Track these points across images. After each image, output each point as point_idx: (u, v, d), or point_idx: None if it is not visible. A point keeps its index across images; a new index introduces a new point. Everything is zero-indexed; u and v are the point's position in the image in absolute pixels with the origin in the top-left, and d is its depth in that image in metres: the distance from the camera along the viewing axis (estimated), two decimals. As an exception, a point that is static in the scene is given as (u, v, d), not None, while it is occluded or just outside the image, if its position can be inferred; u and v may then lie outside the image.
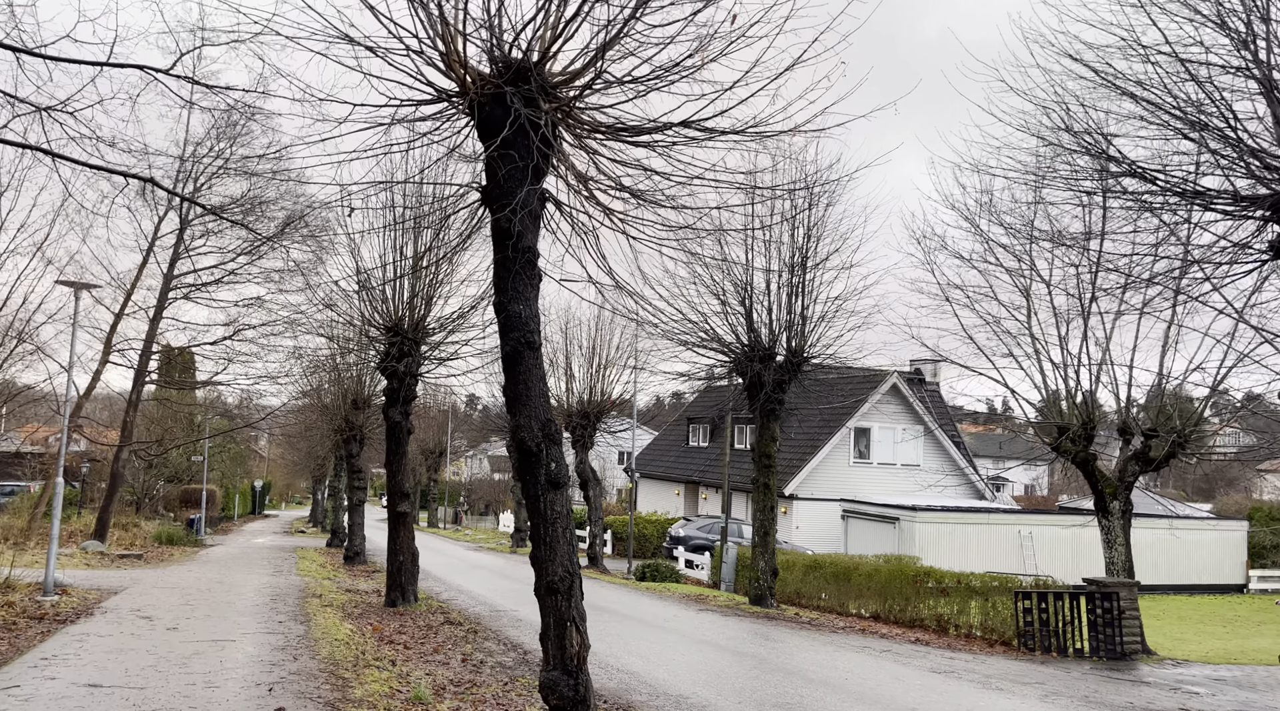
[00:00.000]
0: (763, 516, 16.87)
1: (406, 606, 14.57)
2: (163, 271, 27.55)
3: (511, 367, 6.60)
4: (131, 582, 15.61)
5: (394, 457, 14.87)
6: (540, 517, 6.48)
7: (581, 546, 33.75)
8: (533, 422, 6.49)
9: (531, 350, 6.60)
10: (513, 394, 6.62)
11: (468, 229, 7.36)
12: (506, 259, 6.64)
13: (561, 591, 6.39)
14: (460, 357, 14.98)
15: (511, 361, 6.60)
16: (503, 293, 6.65)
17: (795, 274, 16.83)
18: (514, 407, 6.61)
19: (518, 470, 6.62)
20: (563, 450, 6.71)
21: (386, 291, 14.61)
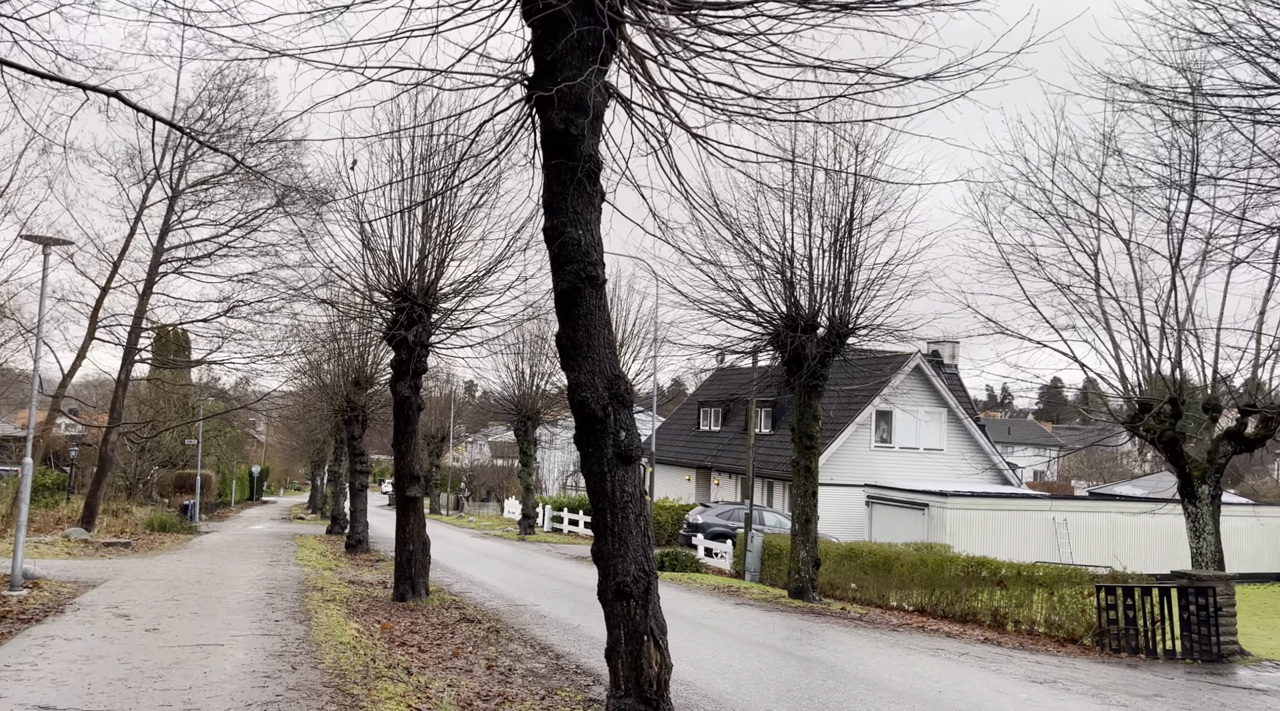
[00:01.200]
0: (804, 502, 15.47)
1: (417, 601, 13.18)
2: (152, 244, 26.03)
3: (569, 309, 5.14)
4: (114, 574, 14.20)
5: (403, 436, 13.43)
6: (606, 501, 5.03)
7: (592, 533, 32.31)
8: (596, 379, 5.04)
9: (593, 287, 5.14)
10: (570, 342, 5.15)
11: (504, 144, 5.87)
12: (561, 169, 5.16)
13: (635, 595, 4.96)
14: (476, 326, 13.52)
15: (568, 301, 5.13)
16: (556, 214, 5.18)
17: (840, 236, 15.37)
18: (572, 360, 5.15)
19: (578, 440, 5.17)
20: (633, 415, 5.25)
21: (393, 252, 13.13)
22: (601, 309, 5.17)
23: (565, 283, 5.12)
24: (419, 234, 13.13)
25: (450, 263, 13.20)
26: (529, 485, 32.78)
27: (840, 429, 33.48)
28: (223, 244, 26.61)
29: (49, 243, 11.43)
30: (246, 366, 26.25)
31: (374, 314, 13.51)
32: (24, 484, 11.26)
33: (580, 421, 5.13)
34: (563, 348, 5.22)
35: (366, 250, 12.85)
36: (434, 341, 13.61)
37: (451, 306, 13.44)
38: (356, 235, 12.83)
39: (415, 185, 13.09)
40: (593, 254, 5.16)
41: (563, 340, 5.21)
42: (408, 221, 13.07)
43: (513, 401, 32.01)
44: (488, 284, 13.35)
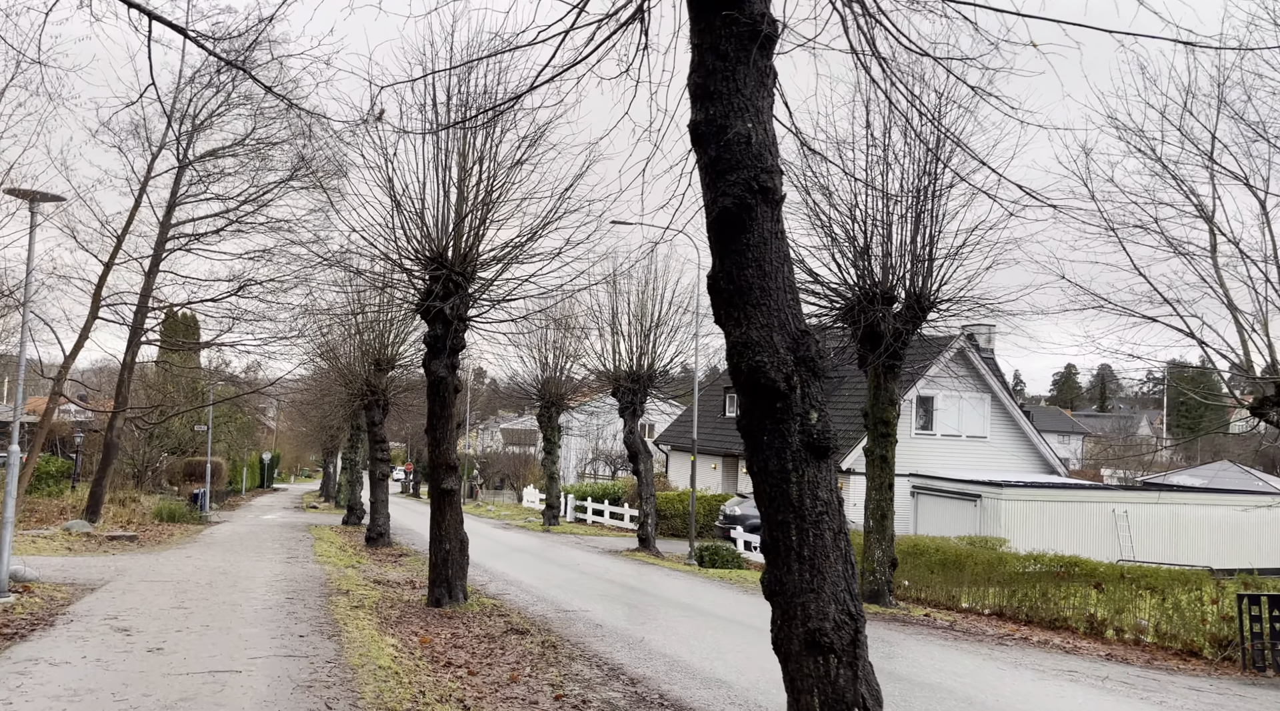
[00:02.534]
0: (879, 496, 13.92)
1: (454, 606, 11.72)
2: (158, 219, 24.56)
3: (732, 236, 3.57)
4: (116, 574, 12.78)
5: (438, 421, 11.93)
6: (790, 511, 3.46)
7: (630, 526, 30.98)
8: (774, 336, 3.47)
9: (768, 203, 3.56)
10: (733, 284, 3.59)
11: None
12: (724, 33, 3.57)
13: (838, 648, 3.41)
14: (520, 298, 11.96)
15: (732, 225, 3.56)
16: (714, 100, 3.60)
17: (921, 199, 13.76)
18: (736, 309, 3.58)
19: (744, 424, 3.61)
20: (823, 387, 3.68)
21: (426, 214, 11.58)
22: (779, 236, 3.62)
23: (729, 198, 3.56)
24: (455, 194, 11.57)
25: (490, 226, 11.64)
26: (553, 474, 31.34)
27: (879, 415, 31.90)
28: (232, 219, 25.15)
29: (36, 198, 9.92)
30: (258, 348, 24.78)
31: (405, 284, 11.97)
32: (10, 475, 9.80)
33: (750, 397, 3.58)
34: (721, 292, 3.67)
35: (396, 209, 11.30)
36: (472, 315, 12.07)
37: (491, 276, 11.89)
38: (385, 193, 11.29)
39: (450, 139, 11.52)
40: (766, 157, 3.61)
41: (721, 281, 3.66)
42: (443, 179, 11.52)
43: (536, 386, 30.51)
44: (532, 249, 11.79)
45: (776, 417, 3.51)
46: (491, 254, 11.70)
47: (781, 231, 3.61)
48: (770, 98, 3.64)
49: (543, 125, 11.36)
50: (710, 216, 3.66)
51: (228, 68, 22.62)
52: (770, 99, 3.64)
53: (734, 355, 3.60)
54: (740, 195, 3.54)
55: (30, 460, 21.81)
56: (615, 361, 22.99)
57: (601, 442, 53.30)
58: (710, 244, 3.71)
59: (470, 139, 11.45)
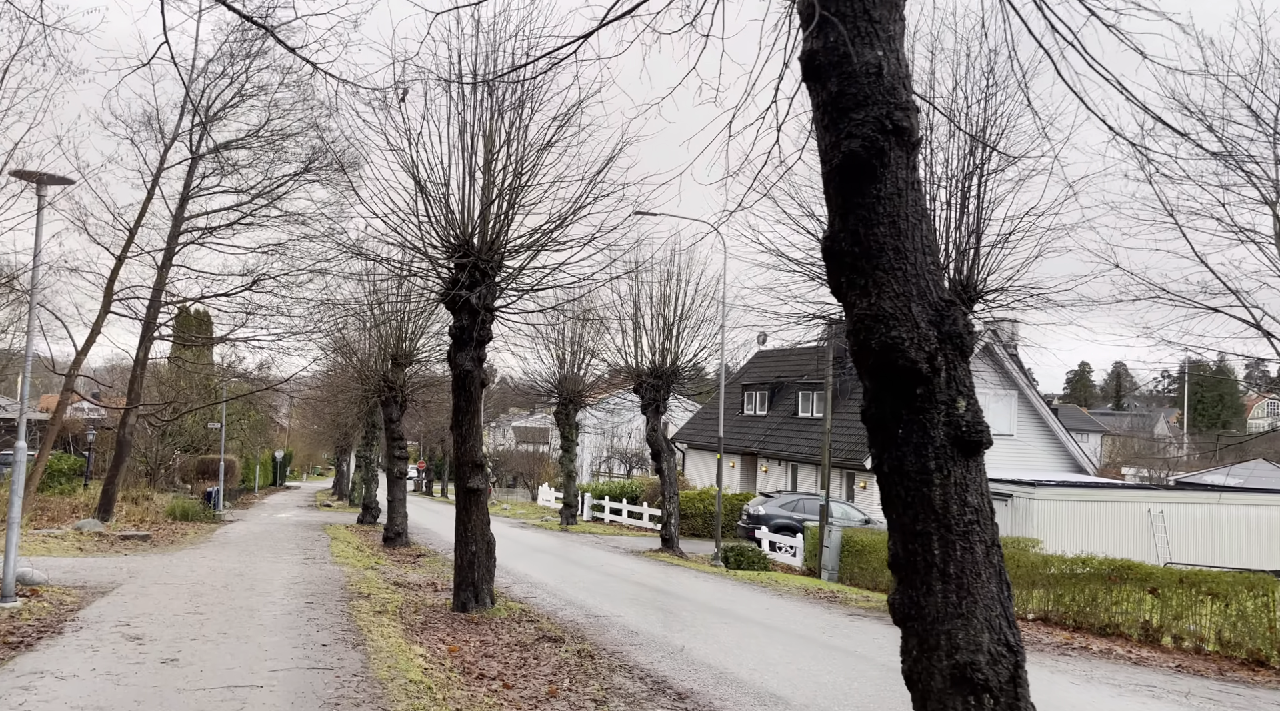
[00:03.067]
0: (922, 495, 13.27)
1: (481, 611, 11.15)
2: (171, 212, 24.11)
3: (858, 186, 2.96)
4: (128, 576, 12.27)
5: (464, 417, 11.36)
6: (932, 518, 2.85)
7: (649, 526, 30.38)
8: (912, 308, 2.88)
9: (902, 145, 2.95)
10: (861, 245, 2.99)
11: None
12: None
13: (992, 686, 2.82)
14: (549, 288, 11.36)
15: (858, 173, 2.96)
16: (833, 24, 2.95)
17: (966, 183, 13.11)
18: (862, 275, 2.98)
19: (874, 413, 2.99)
20: (970, 370, 3.06)
21: (451, 200, 11.00)
22: (915, 187, 3.02)
23: (856, 141, 2.96)
24: (481, 178, 11.00)
25: (518, 212, 11.06)
26: (570, 472, 30.77)
27: (903, 413, 31.22)
28: (246, 213, 24.69)
29: (44, 181, 9.39)
30: (272, 343, 24.29)
31: (428, 273, 11.40)
32: (16, 474, 9.28)
33: (880, 382, 2.98)
34: (842, 256, 3.06)
35: (420, 194, 10.72)
36: (499, 306, 11.49)
37: (519, 265, 11.30)
38: (408, 176, 10.71)
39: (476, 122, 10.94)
40: (900, 91, 3.00)
41: (842, 242, 3.05)
42: (468, 163, 10.94)
43: (553, 383, 29.95)
44: (561, 236, 11.19)
45: (916, 406, 2.90)
46: (519, 241, 11.12)
47: (918, 181, 3.01)
48: (902, 21, 3.03)
49: (574, 105, 10.77)
50: (829, 165, 3.05)
51: (252, 33, 22.05)
52: (902, 23, 3.03)
53: (860, 331, 2.99)
54: (870, 136, 2.93)
55: (41, 458, 21.40)
56: (637, 357, 22.39)
57: (617, 440, 52.71)
58: (828, 199, 3.11)
59: (497, 121, 10.87)
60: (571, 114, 10.73)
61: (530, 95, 10.89)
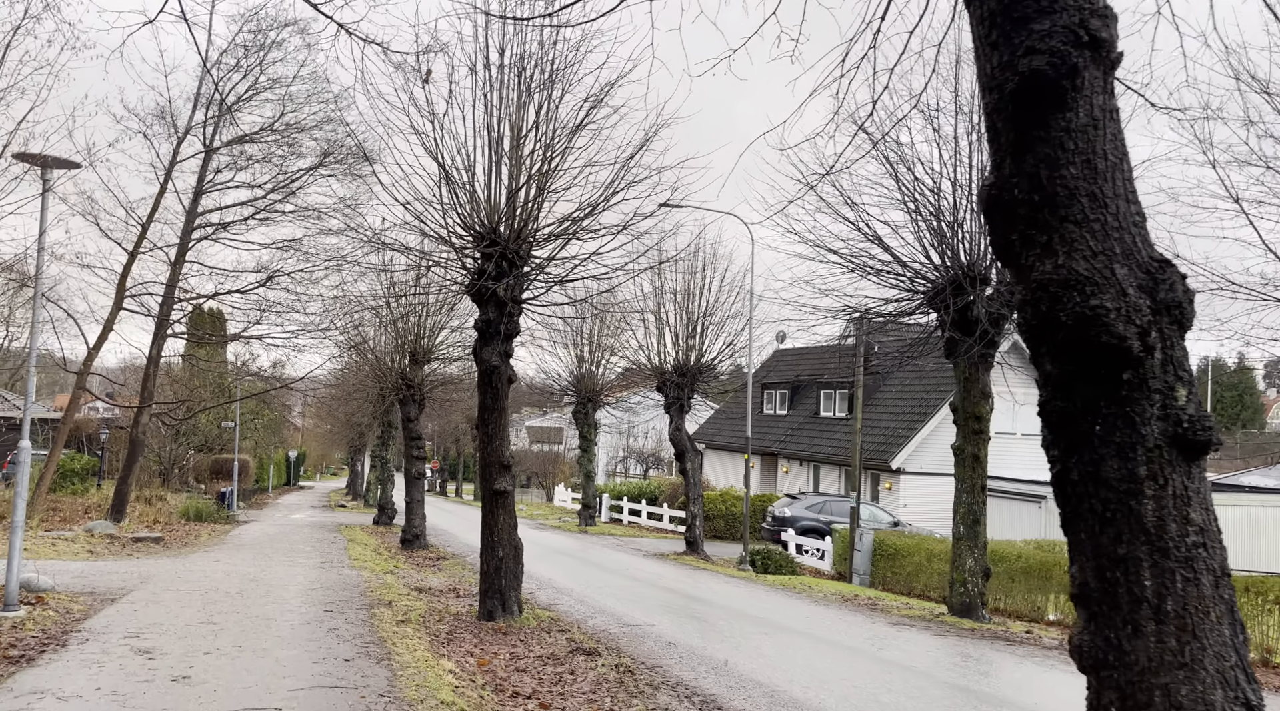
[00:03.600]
0: (970, 499, 12.61)
1: (509, 619, 10.56)
2: (184, 207, 23.67)
3: (1040, 115, 2.32)
4: (139, 582, 11.74)
5: (490, 415, 10.76)
6: (1140, 537, 2.21)
7: (670, 527, 29.74)
8: (1114, 268, 2.22)
9: (1098, 62, 2.27)
10: (1044, 189, 2.34)
11: None
12: None
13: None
14: (579, 279, 10.75)
15: (1040, 99, 2.31)
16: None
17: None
18: (1045, 229, 2.33)
19: (1058, 408, 2.35)
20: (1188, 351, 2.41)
21: (478, 186, 10.41)
22: (1114, 116, 2.38)
23: (1040, 57, 2.34)
24: (509, 164, 10.40)
25: (547, 199, 10.45)
26: (589, 472, 30.19)
27: (929, 413, 30.48)
28: (260, 208, 24.23)
29: (48, 164, 8.85)
30: (287, 341, 23.81)
31: (453, 263, 10.80)
32: (20, 474, 8.73)
33: (1073, 364, 2.35)
34: (1014, 207, 2.43)
35: (445, 181, 10.13)
36: (527, 298, 10.89)
37: (548, 254, 10.70)
38: (432, 160, 10.12)
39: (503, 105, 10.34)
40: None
41: (1016, 190, 2.42)
42: (494, 148, 10.35)
43: (572, 382, 29.37)
44: (592, 224, 10.57)
45: (1121, 396, 2.27)
46: (549, 230, 10.51)
47: (1116, 109, 2.38)
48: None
49: (606, 85, 10.16)
50: (998, 93, 2.43)
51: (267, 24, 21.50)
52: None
53: (1042, 301, 2.36)
54: (1058, 51, 2.30)
55: (53, 458, 20.97)
56: (660, 354, 21.77)
57: (633, 440, 52.07)
58: (994, 137, 2.49)
59: (526, 101, 10.27)
60: (604, 94, 10.13)
61: (560, 75, 10.30)
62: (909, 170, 12.71)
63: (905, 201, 12.83)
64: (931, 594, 17.91)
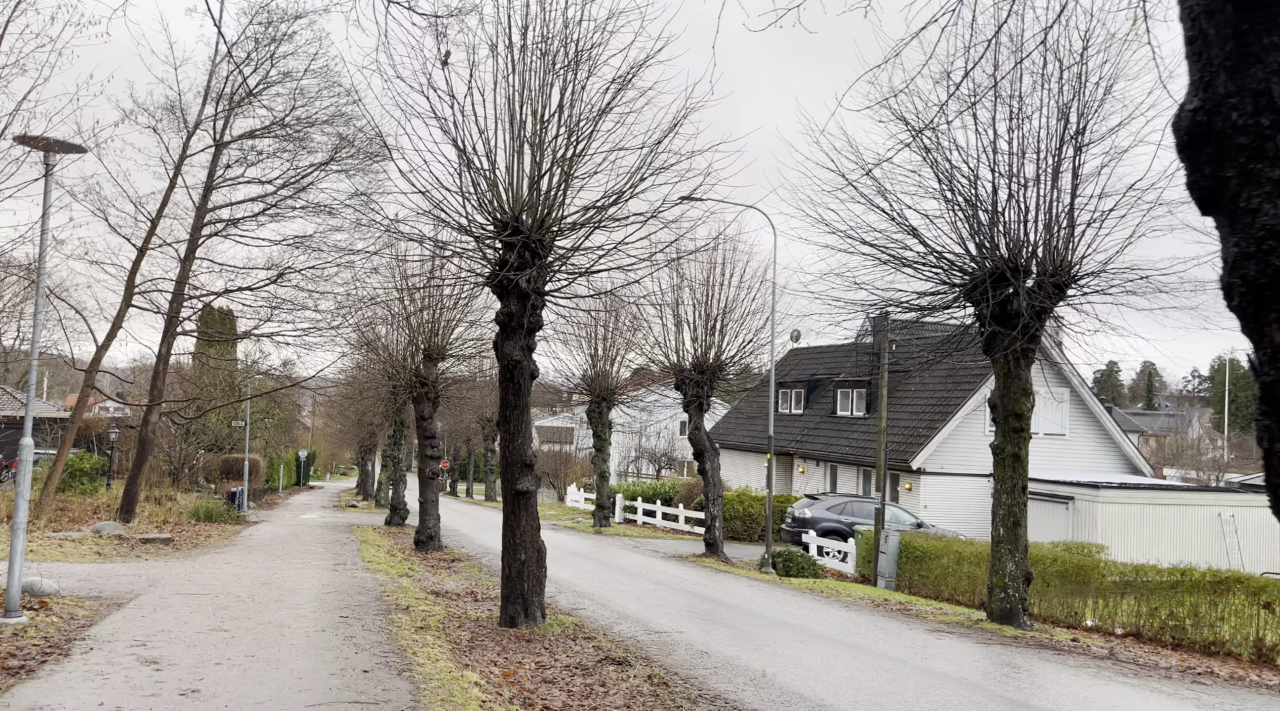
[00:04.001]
0: (1010, 500, 12.08)
1: (532, 626, 10.09)
2: (194, 203, 23.30)
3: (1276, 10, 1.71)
4: (148, 585, 11.32)
5: (512, 412, 10.29)
6: None
7: (686, 528, 29.22)
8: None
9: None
10: None
11: None
12: None
13: None
14: (605, 270, 10.25)
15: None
16: None
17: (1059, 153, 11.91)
18: (1274, 160, 1.72)
19: None
20: None
21: (499, 173, 9.95)
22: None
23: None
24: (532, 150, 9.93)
25: (571, 186, 9.97)
26: (603, 472, 29.71)
27: (950, 413, 29.92)
28: (271, 204, 23.84)
29: (51, 148, 8.43)
30: (298, 339, 23.41)
31: (473, 255, 10.32)
32: (21, 474, 8.30)
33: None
34: (1232, 134, 1.93)
35: (466, 167, 9.66)
36: (551, 290, 10.42)
37: (572, 244, 10.21)
38: (449, 146, 9.65)
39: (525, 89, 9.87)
40: None
41: (1235, 112, 1.92)
42: (517, 132, 9.88)
43: (585, 381, 28.91)
44: (618, 212, 10.08)
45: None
46: (573, 218, 10.03)
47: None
48: None
49: (634, 65, 9.67)
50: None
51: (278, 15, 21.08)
52: None
53: (1276, 252, 1.85)
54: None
55: (61, 457, 20.62)
56: (679, 351, 21.28)
57: (644, 439, 51.57)
58: (1199, 48, 1.99)
59: (552, 81, 9.79)
60: (632, 75, 9.64)
61: (586, 56, 9.82)
62: (946, 158, 12.19)
63: (943, 190, 12.32)
64: (961, 598, 17.38)
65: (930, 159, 12.15)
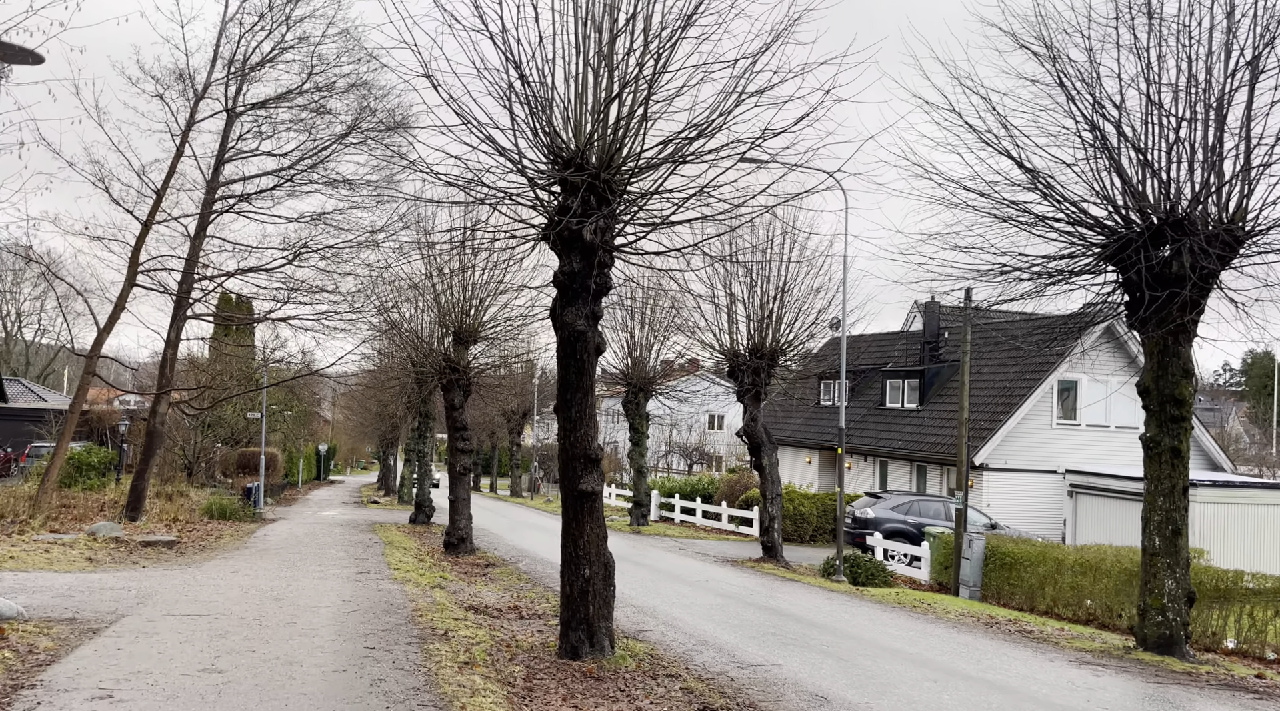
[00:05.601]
0: (1168, 504, 9.99)
1: (599, 658, 8.17)
2: (204, 176, 21.56)
3: None
4: (136, 602, 9.50)
5: (574, 395, 8.36)
6: None
7: (729, 527, 27.26)
8: None
9: None
10: None
11: None
12: None
13: None
14: (688, 221, 8.25)
15: None
16: None
17: (1226, 87, 9.79)
18: None
19: None
20: None
21: (557, 93, 7.99)
22: None
23: None
24: (600, 68, 7.96)
25: (648, 112, 7.98)
26: (641, 467, 27.79)
27: (1015, 404, 27.71)
28: (287, 178, 22.04)
29: (7, 57, 6.55)
30: (316, 323, 21.64)
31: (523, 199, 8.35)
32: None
33: None
34: None
35: (521, 83, 7.69)
36: (621, 244, 8.46)
37: (648, 186, 8.23)
38: (499, 57, 7.69)
39: None
40: None
41: None
42: (582, 46, 7.92)
43: (621, 371, 26.97)
44: (702, 148, 8.08)
45: None
46: (652, 152, 8.05)
47: None
48: None
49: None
50: None
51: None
52: None
53: None
54: None
55: (60, 449, 18.96)
56: (732, 335, 19.27)
57: (674, 432, 49.60)
58: None
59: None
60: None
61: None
62: (1089, 90, 10.09)
63: (1080, 130, 10.23)
64: (1061, 612, 15.31)
65: (1069, 91, 10.06)
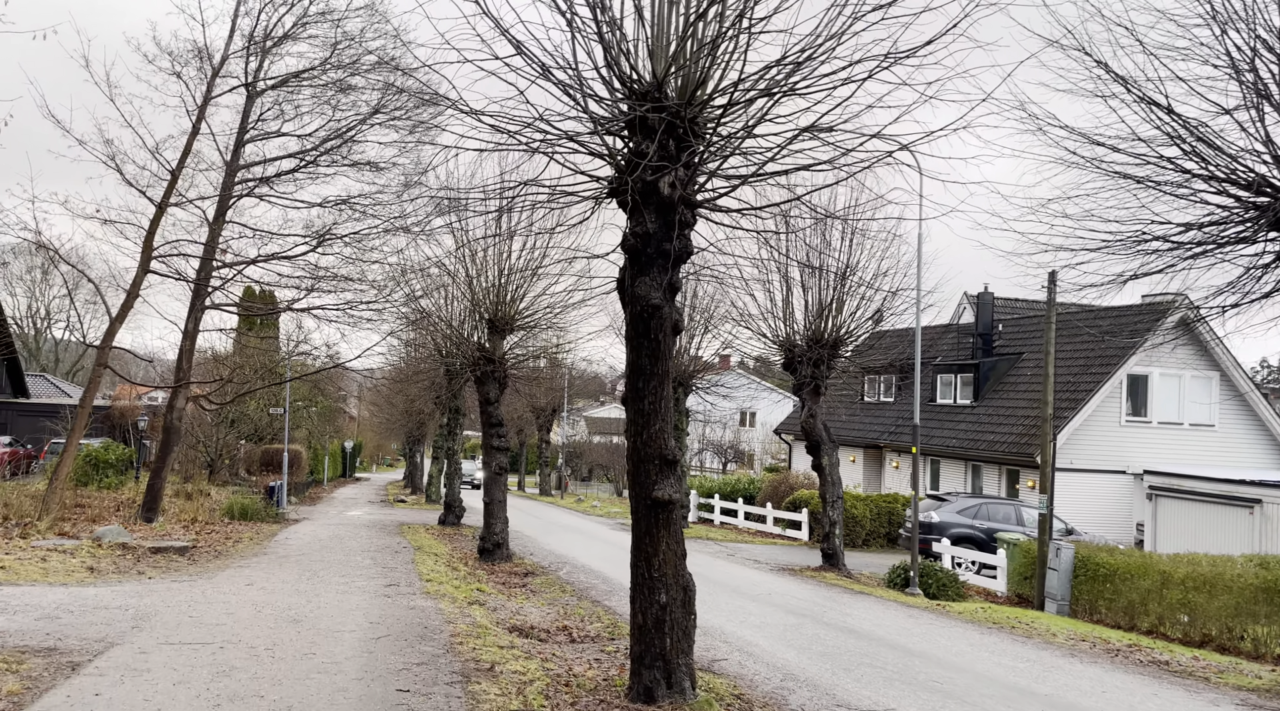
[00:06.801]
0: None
1: (680, 704, 6.67)
2: (223, 157, 20.34)
3: None
4: (131, 626, 8.15)
5: (647, 383, 6.87)
6: None
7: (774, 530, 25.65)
8: None
9: None
10: None
11: None
12: None
13: None
14: (791, 171, 6.72)
15: None
16: None
17: None
18: None
19: None
20: None
21: (625, 7, 6.49)
22: None
23: None
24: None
25: (741, 32, 6.45)
26: (682, 466, 26.20)
27: (1082, 400, 25.85)
28: (310, 160, 20.78)
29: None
30: (341, 314, 20.36)
31: (586, 143, 6.87)
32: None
33: None
34: None
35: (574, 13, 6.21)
36: (703, 197, 6.94)
37: (742, 125, 6.70)
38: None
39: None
40: None
41: None
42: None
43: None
44: (805, 82, 6.54)
45: None
46: (749, 83, 6.52)
47: None
48: None
49: None
50: None
51: None
52: None
53: None
54: None
55: (70, 446, 17.81)
56: (788, 323, 17.69)
57: (708, 429, 47.97)
58: None
59: None
60: None
61: None
62: (1247, 26, 8.43)
63: (1239, 72, 8.57)
64: (1168, 632, 13.62)
65: (1222, 23, 8.41)
